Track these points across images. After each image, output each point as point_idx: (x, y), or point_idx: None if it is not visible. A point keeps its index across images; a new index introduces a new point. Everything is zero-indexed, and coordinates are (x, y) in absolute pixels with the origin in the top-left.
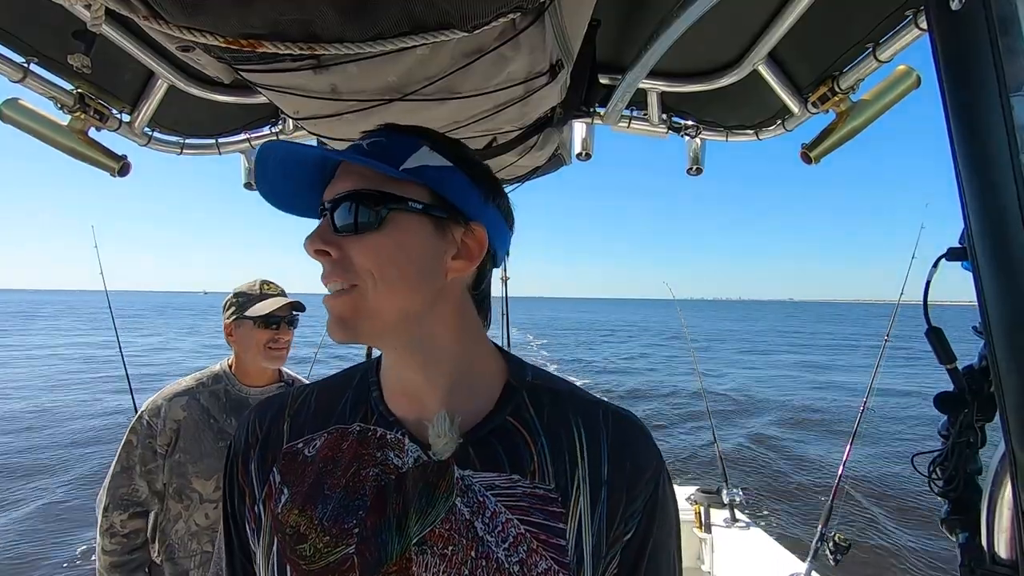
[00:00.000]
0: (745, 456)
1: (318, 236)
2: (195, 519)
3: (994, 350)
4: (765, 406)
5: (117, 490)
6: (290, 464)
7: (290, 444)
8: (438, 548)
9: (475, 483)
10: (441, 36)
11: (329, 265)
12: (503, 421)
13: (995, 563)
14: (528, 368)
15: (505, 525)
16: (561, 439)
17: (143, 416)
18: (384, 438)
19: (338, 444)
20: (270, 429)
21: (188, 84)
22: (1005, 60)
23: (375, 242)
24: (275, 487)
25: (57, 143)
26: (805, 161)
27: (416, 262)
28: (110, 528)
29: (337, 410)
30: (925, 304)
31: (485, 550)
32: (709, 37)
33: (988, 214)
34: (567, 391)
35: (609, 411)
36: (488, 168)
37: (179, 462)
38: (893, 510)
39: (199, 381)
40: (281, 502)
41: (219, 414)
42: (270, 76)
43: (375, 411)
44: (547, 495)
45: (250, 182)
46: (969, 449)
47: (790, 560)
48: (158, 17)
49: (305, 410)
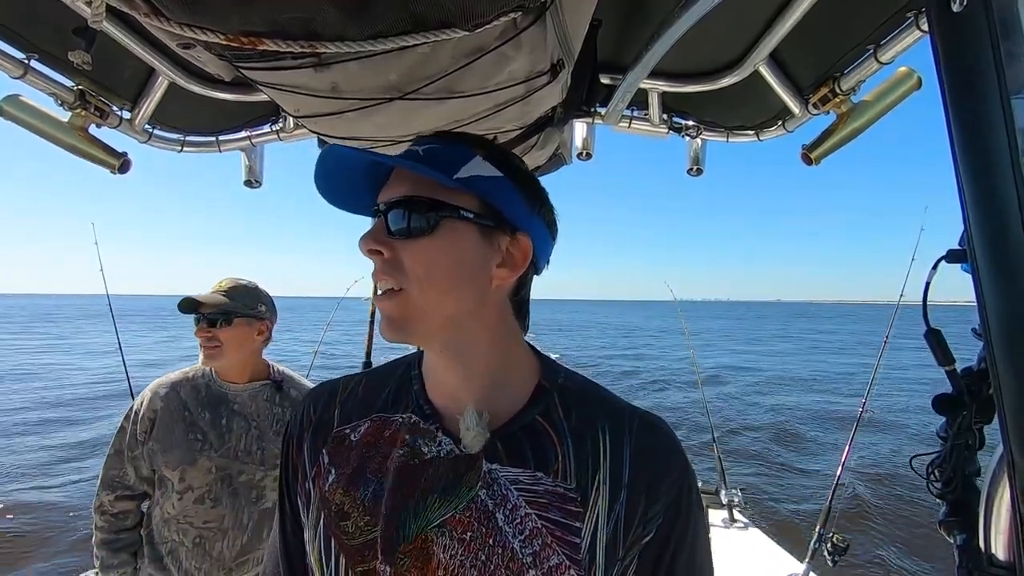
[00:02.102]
0: (744, 457)
1: (372, 237)
2: (166, 508)
3: (993, 352)
4: (766, 405)
5: (108, 471)
6: (337, 447)
7: (339, 428)
8: (457, 532)
9: (501, 477)
10: (442, 35)
11: (380, 264)
12: (532, 420)
13: (993, 565)
14: (560, 370)
15: (524, 519)
16: (586, 441)
17: (133, 405)
18: (417, 426)
19: (380, 432)
20: (323, 413)
21: (189, 81)
22: (1006, 62)
23: (425, 247)
24: (324, 467)
25: (57, 140)
26: (806, 162)
27: (463, 269)
28: (101, 506)
29: (380, 400)
30: (924, 306)
31: (502, 539)
32: (710, 37)
33: (988, 216)
34: (597, 394)
35: (636, 416)
36: (535, 179)
37: (152, 451)
38: (892, 511)
39: (186, 374)
40: (328, 481)
41: (195, 407)
42: (271, 74)
43: (415, 402)
44: (567, 494)
45: (250, 179)
46: (967, 451)
47: (788, 561)
48: (159, 14)
49: (353, 398)
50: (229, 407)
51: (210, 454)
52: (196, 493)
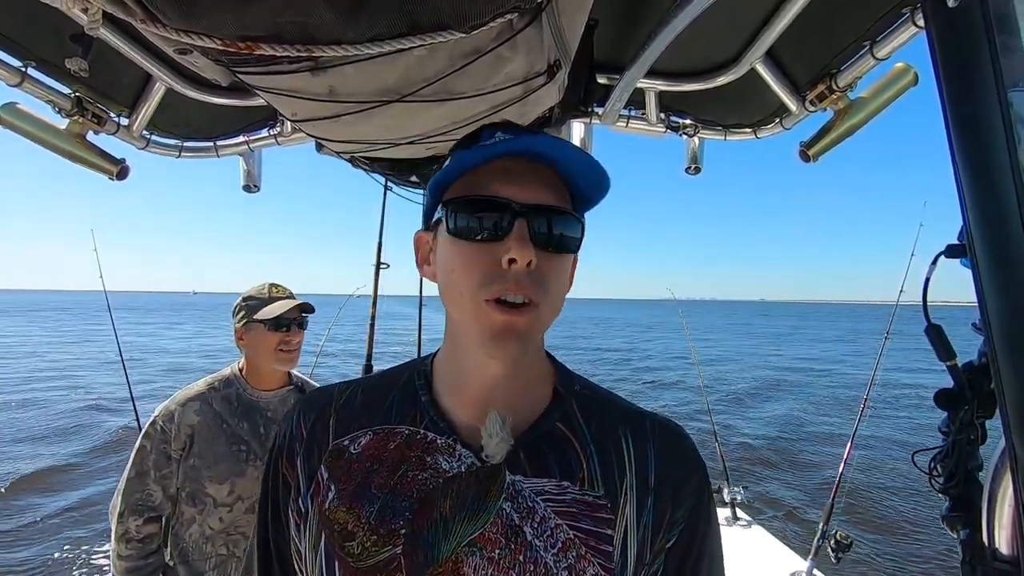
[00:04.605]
0: (747, 454)
1: (526, 244)
2: (209, 523)
3: (994, 347)
4: (766, 405)
5: (132, 495)
6: (336, 461)
7: (336, 441)
8: (486, 552)
9: (525, 488)
10: (438, 37)
11: (526, 274)
12: (552, 427)
13: (996, 559)
14: (575, 376)
15: (554, 531)
16: (610, 448)
17: (156, 422)
18: (434, 443)
19: (384, 444)
20: (315, 425)
21: (186, 87)
22: (1002, 56)
23: (565, 264)
24: (323, 483)
25: (55, 147)
26: (803, 159)
27: (566, 291)
28: (125, 534)
29: (383, 409)
30: (924, 301)
31: (534, 555)
32: (707, 36)
33: (987, 210)
34: (613, 401)
35: (656, 421)
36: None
37: (193, 467)
38: (894, 507)
39: (211, 386)
40: (328, 499)
41: (231, 418)
42: (268, 78)
43: (425, 415)
44: (596, 502)
45: (248, 184)
46: (969, 446)
47: (792, 558)
48: (155, 20)
49: (349, 408)
50: (263, 414)
51: (256, 463)
52: (247, 503)
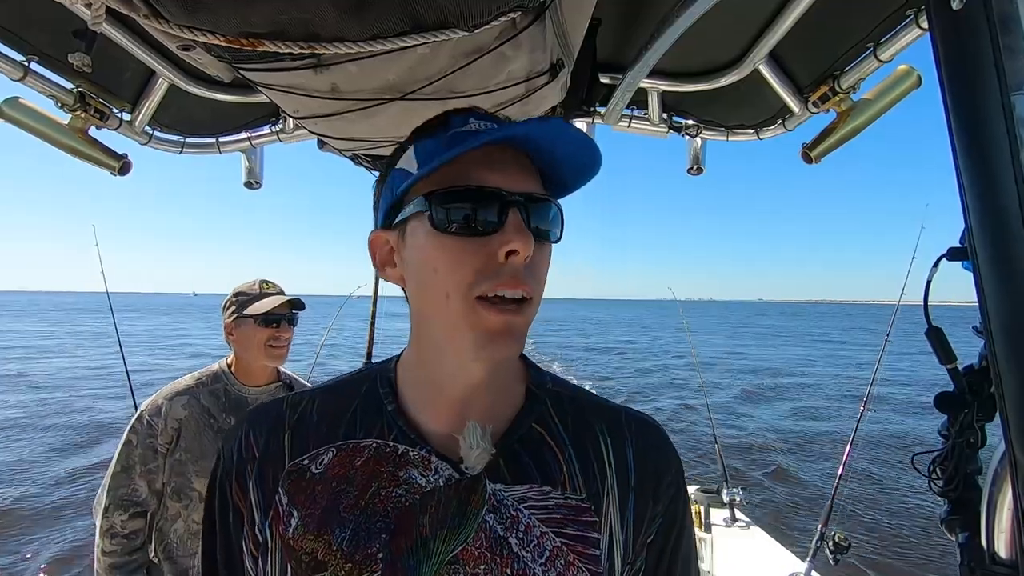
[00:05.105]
0: (746, 456)
1: (527, 235)
2: (194, 518)
3: (994, 350)
4: (766, 405)
5: (117, 490)
6: (297, 483)
7: (295, 461)
8: (470, 568)
9: (507, 497)
10: (441, 35)
11: (521, 268)
12: (529, 429)
13: (995, 563)
14: (546, 374)
15: (540, 539)
16: (588, 448)
17: (143, 415)
18: (406, 455)
19: (350, 461)
20: (268, 443)
21: (188, 83)
22: (1006, 59)
23: (549, 256)
24: (283, 509)
25: (57, 142)
26: (806, 160)
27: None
28: (110, 529)
29: (344, 421)
30: (926, 304)
31: (521, 567)
32: (710, 36)
33: (989, 213)
34: (585, 397)
35: (631, 417)
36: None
37: (180, 461)
38: (893, 509)
39: (198, 380)
40: (292, 526)
41: (219, 413)
42: (270, 75)
43: (394, 426)
44: (579, 505)
45: (250, 181)
46: (969, 449)
47: (790, 560)
48: (159, 16)
49: (306, 422)
50: None
51: None
52: None
